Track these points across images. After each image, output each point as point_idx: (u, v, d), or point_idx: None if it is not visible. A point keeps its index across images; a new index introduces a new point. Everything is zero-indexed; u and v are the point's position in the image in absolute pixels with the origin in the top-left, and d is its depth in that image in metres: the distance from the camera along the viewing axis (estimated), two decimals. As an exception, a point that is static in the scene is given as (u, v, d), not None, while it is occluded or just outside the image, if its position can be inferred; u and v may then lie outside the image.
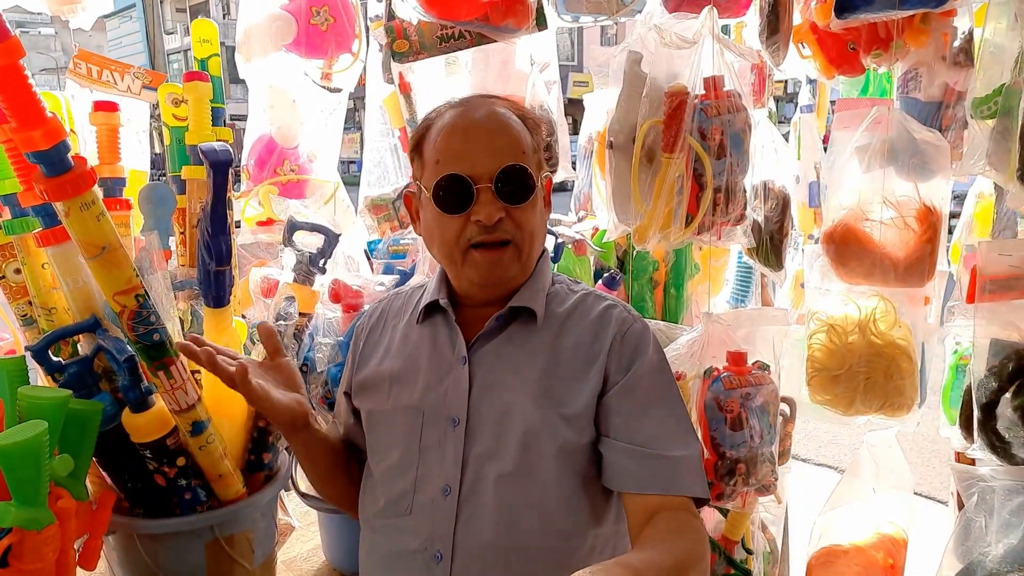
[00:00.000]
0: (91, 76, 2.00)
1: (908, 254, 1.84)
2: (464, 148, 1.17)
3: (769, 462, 1.75)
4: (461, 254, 1.19)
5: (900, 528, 2.09)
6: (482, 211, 1.14)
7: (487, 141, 1.17)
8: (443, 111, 1.24)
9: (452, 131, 1.19)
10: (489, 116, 1.20)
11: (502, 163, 1.15)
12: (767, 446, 1.74)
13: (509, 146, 1.18)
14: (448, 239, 1.18)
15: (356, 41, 2.47)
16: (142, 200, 1.82)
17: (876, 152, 1.85)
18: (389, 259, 2.23)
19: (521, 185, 1.17)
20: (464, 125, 1.19)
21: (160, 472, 1.60)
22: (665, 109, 1.58)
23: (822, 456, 4.23)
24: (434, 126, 1.22)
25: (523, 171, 1.17)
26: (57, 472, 1.42)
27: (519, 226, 1.18)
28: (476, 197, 1.14)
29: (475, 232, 1.16)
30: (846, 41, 2.13)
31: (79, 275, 1.50)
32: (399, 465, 1.24)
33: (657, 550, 1.03)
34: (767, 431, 1.73)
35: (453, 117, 1.21)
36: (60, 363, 1.54)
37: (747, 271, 2.63)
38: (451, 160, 1.16)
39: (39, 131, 1.14)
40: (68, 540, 1.45)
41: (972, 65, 2.01)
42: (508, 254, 1.18)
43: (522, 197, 1.17)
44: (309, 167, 2.53)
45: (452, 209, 1.16)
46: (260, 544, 1.80)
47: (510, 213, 1.16)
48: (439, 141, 1.19)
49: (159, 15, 5.42)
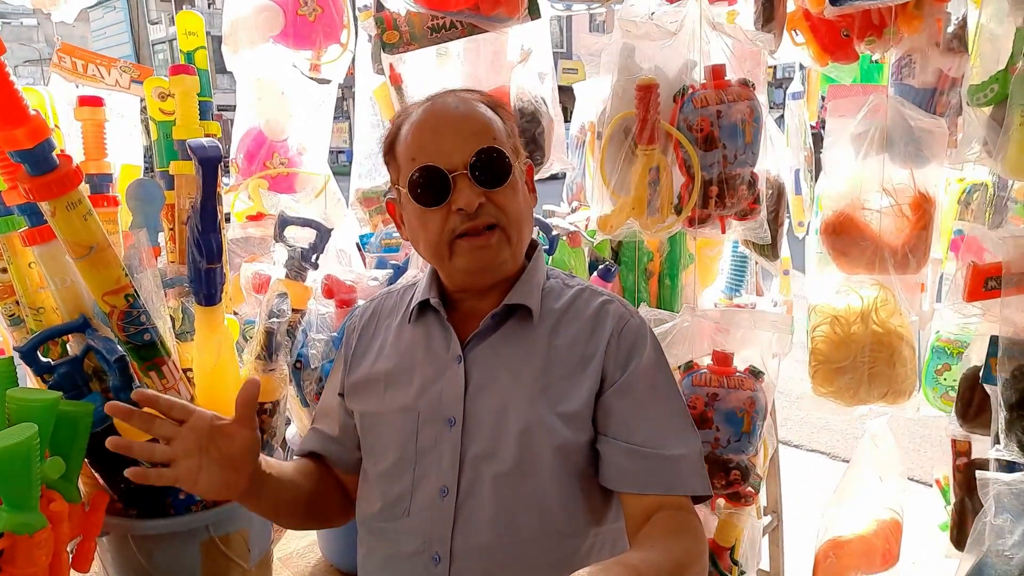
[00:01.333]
0: (76, 70, 1.97)
1: (904, 242, 1.84)
2: (435, 140, 1.14)
3: (738, 470, 1.72)
4: (447, 247, 1.16)
5: (895, 513, 2.10)
6: (461, 198, 1.12)
7: (457, 130, 1.15)
8: (410, 110, 1.22)
9: (421, 127, 1.17)
10: (456, 106, 1.18)
11: (475, 148, 1.13)
12: (735, 452, 1.70)
13: (480, 131, 1.16)
14: (432, 234, 1.16)
15: (344, 31, 2.44)
16: (129, 197, 1.79)
17: (873, 139, 1.84)
18: (382, 253, 2.20)
19: (497, 168, 1.15)
20: (432, 119, 1.17)
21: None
22: (636, 102, 1.58)
23: (815, 442, 4.24)
24: (404, 126, 1.20)
25: (498, 153, 1.15)
26: (48, 475, 1.40)
27: (502, 209, 1.15)
28: (453, 186, 1.12)
29: (458, 222, 1.14)
30: (839, 28, 2.11)
31: (67, 274, 1.47)
32: (396, 467, 1.22)
33: (656, 549, 1.02)
34: (735, 437, 1.69)
35: (420, 113, 1.19)
36: (49, 364, 1.51)
37: (742, 261, 2.62)
38: (423, 154, 1.14)
39: (22, 129, 1.11)
40: (61, 543, 1.44)
41: (966, 51, 1.99)
42: (496, 237, 1.16)
43: (499, 180, 1.15)
44: (299, 160, 2.50)
45: (431, 202, 1.14)
46: (256, 543, 1.79)
47: (490, 198, 1.14)
48: (409, 139, 1.17)
49: (143, 5, 5.30)
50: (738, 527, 1.87)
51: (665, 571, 0.97)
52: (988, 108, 1.64)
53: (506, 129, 1.20)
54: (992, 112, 1.64)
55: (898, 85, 2.11)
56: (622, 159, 1.58)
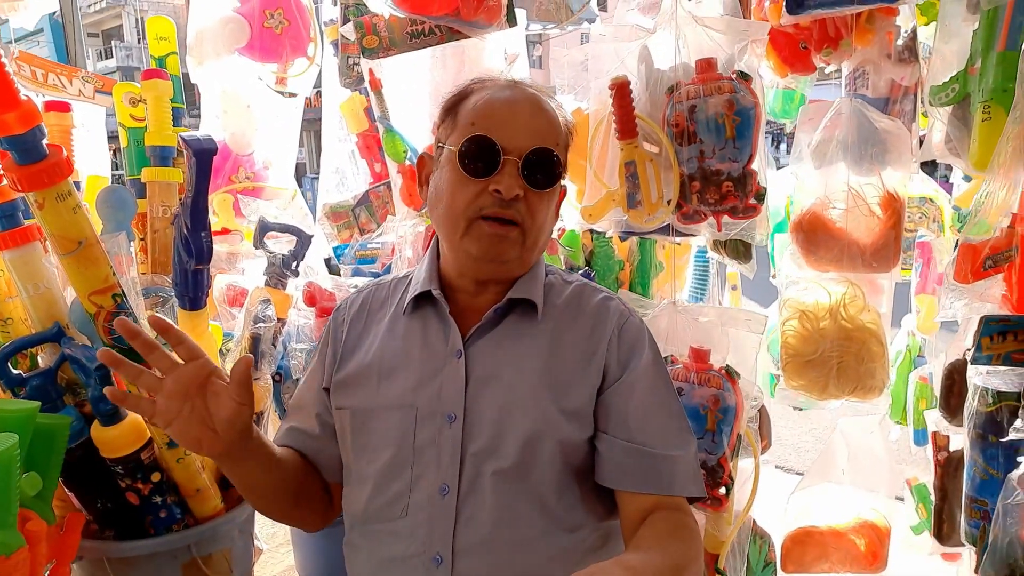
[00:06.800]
0: (36, 79, 1.89)
1: (874, 240, 1.91)
2: (504, 117, 1.14)
3: (703, 469, 1.71)
4: (467, 223, 1.14)
5: (882, 516, 2.14)
6: (503, 182, 1.11)
7: (529, 118, 1.15)
8: (488, 82, 1.22)
9: (496, 99, 1.16)
10: (536, 100, 1.18)
11: (536, 143, 1.13)
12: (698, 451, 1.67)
13: (547, 132, 1.16)
14: (458, 204, 1.14)
15: (312, 45, 2.42)
16: (100, 204, 1.71)
17: (839, 142, 1.91)
18: (357, 264, 2.17)
19: (547, 171, 1.15)
20: (509, 98, 1.17)
21: (133, 489, 1.49)
22: (612, 99, 1.61)
23: (767, 455, 4.31)
24: (477, 92, 1.19)
25: (554, 158, 1.15)
26: (25, 492, 1.31)
27: (531, 213, 1.15)
28: (501, 167, 1.12)
29: (488, 203, 1.12)
30: (798, 40, 2.21)
31: (41, 280, 1.39)
32: (391, 465, 1.18)
33: (654, 551, 1.02)
34: (697, 435, 1.65)
35: (501, 89, 1.18)
36: (20, 376, 1.42)
37: (704, 268, 2.67)
38: (487, 124, 1.13)
39: (13, 114, 1.05)
40: (38, 567, 1.33)
41: (916, 61, 2.11)
42: (514, 234, 1.15)
43: (544, 184, 1.15)
44: (264, 174, 2.45)
45: (474, 172, 1.12)
46: (238, 563, 1.70)
47: (527, 196, 1.14)
48: (480, 105, 1.16)
49: (80, 37, 5.10)
50: (720, 535, 1.87)
51: (663, 571, 0.96)
52: (950, 107, 1.73)
53: (564, 143, 1.21)
54: (953, 111, 1.73)
55: (853, 96, 2.21)
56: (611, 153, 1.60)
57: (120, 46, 31.56)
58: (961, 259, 1.46)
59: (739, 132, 1.56)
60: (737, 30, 1.54)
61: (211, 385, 1.06)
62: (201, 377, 1.05)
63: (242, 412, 1.07)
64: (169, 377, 1.04)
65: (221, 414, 1.06)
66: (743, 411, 1.79)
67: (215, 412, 1.06)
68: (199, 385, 1.05)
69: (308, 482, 1.26)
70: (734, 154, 1.59)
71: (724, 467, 1.77)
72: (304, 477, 1.26)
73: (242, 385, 1.07)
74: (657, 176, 1.65)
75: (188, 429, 1.05)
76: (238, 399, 1.06)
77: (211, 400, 1.06)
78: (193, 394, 1.05)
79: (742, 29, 1.56)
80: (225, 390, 1.06)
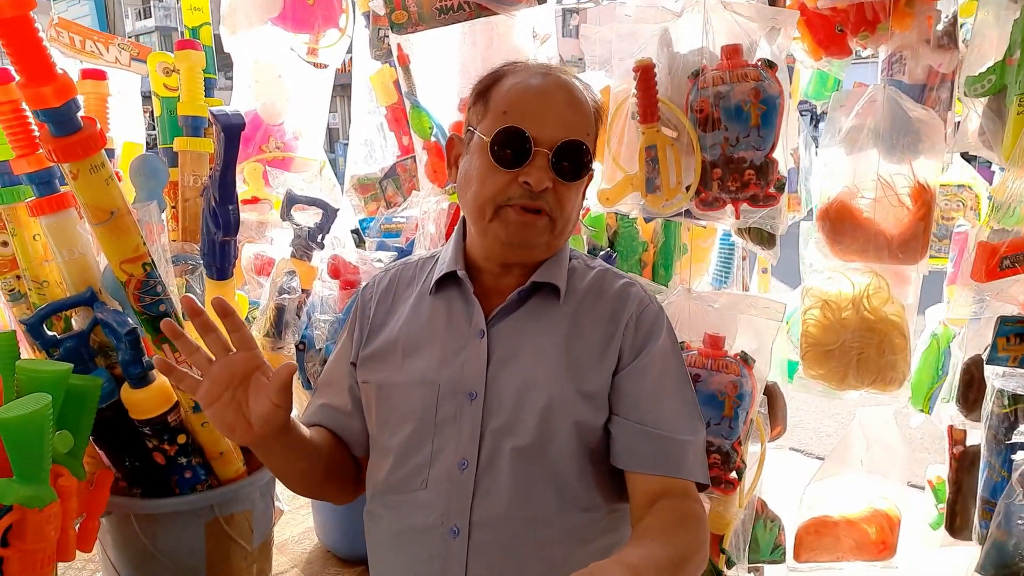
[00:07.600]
0: (74, 45, 1.93)
1: (902, 231, 1.88)
2: (536, 107, 1.14)
3: (719, 454, 1.72)
4: (494, 209, 1.15)
5: (893, 505, 2.13)
6: (533, 174, 1.12)
7: (560, 110, 1.15)
8: (520, 67, 1.22)
9: (528, 87, 1.16)
10: (569, 89, 1.18)
11: (568, 135, 1.14)
12: (715, 436, 1.70)
13: (579, 123, 1.16)
14: (486, 192, 1.15)
15: (343, 16, 2.43)
16: (133, 172, 1.75)
17: (871, 130, 1.88)
18: (382, 238, 2.19)
19: (577, 163, 1.15)
20: (542, 86, 1.16)
21: (160, 450, 1.55)
22: (636, 81, 1.60)
23: (788, 439, 4.30)
24: (510, 76, 1.19)
25: (585, 150, 1.15)
26: (57, 449, 1.37)
27: (560, 203, 1.16)
28: (531, 159, 1.12)
29: (517, 194, 1.13)
30: (834, 23, 2.16)
31: (75, 245, 1.44)
32: (413, 439, 1.21)
33: (658, 542, 1.03)
34: (715, 420, 1.69)
35: (533, 75, 1.18)
36: (55, 338, 1.48)
37: (729, 254, 2.65)
38: (519, 114, 1.13)
39: (50, 87, 1.08)
40: (68, 520, 1.40)
41: (956, 48, 2.05)
42: (542, 222, 1.16)
43: (573, 176, 1.15)
44: (295, 144, 2.48)
45: (504, 163, 1.13)
46: (258, 525, 1.76)
47: (556, 187, 1.14)
48: (513, 92, 1.16)
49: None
50: (726, 516, 1.89)
51: (665, 566, 0.97)
52: (985, 99, 1.69)
53: (595, 132, 1.21)
54: (988, 103, 1.69)
55: (889, 81, 2.17)
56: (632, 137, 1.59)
57: (159, 6, 31.75)
58: (978, 257, 1.44)
59: (764, 120, 1.54)
60: (766, 17, 1.52)
61: (255, 379, 1.07)
62: (248, 369, 1.06)
63: (278, 413, 1.08)
64: (218, 363, 1.05)
65: (258, 410, 1.07)
66: (757, 396, 1.80)
67: (253, 406, 1.07)
68: (244, 376, 1.06)
69: (338, 461, 1.29)
70: (758, 142, 1.57)
71: (738, 451, 1.79)
72: (334, 457, 1.28)
73: (282, 389, 1.07)
74: (677, 161, 1.64)
75: (225, 415, 1.06)
76: (276, 401, 1.06)
77: (252, 394, 1.07)
78: (236, 384, 1.06)
79: (771, 16, 1.54)
80: (266, 388, 1.07)
